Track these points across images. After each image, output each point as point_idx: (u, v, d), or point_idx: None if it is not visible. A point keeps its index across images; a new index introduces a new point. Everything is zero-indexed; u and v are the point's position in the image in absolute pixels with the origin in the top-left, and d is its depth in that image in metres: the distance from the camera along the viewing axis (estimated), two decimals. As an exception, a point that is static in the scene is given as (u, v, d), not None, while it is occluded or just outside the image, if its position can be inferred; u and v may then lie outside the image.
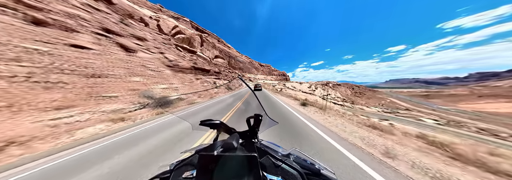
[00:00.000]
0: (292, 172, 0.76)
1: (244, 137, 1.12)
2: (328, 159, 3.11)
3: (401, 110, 65.96)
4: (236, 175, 0.67)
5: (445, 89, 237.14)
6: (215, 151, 0.75)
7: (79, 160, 3.58)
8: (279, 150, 1.04)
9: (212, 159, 0.72)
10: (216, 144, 0.94)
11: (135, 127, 6.32)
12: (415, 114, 57.12)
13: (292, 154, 0.99)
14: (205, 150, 0.90)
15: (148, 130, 5.78)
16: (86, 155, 3.83)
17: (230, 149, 0.78)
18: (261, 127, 1.11)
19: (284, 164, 0.81)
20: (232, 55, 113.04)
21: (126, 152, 3.88)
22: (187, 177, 0.80)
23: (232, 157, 0.72)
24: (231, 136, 0.94)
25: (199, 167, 0.73)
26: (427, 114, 59.96)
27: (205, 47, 65.37)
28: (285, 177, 0.75)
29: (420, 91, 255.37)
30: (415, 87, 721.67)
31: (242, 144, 0.96)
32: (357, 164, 2.88)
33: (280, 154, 0.93)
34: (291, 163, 0.83)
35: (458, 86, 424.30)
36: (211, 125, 1.11)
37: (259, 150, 0.90)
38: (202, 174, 0.71)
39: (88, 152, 4.04)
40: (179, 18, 70.05)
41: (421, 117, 46.85)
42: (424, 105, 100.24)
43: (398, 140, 4.25)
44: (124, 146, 4.28)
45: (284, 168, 0.79)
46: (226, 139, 0.87)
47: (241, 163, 0.70)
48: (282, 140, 4.18)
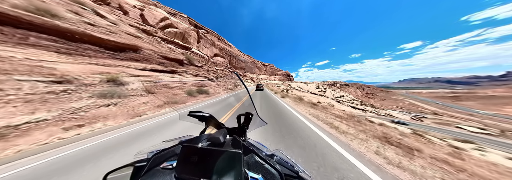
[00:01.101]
0: (273, 172, 0.77)
1: (232, 133, 1.11)
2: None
3: (427, 114, 57.57)
4: (219, 170, 0.66)
5: (477, 90, 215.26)
6: (200, 144, 0.76)
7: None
8: (264, 150, 1.08)
9: (195, 152, 0.71)
10: (202, 137, 0.92)
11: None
12: (447, 120, 49.13)
13: (275, 155, 0.99)
14: (189, 142, 0.86)
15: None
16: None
17: (216, 143, 0.79)
18: (250, 126, 1.14)
19: (267, 164, 0.81)
20: (233, 54, 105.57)
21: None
22: (165, 167, 0.78)
23: (216, 152, 0.71)
24: (219, 131, 0.94)
25: (181, 159, 0.72)
26: (463, 119, 51.06)
27: (202, 44, 58.50)
28: (266, 176, 0.75)
29: (443, 91, 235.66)
30: (436, 87, 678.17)
31: (229, 140, 0.93)
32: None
33: (264, 154, 0.95)
34: (273, 163, 0.83)
35: (495, 86, 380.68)
36: (200, 117, 1.13)
37: (245, 147, 0.87)
38: (183, 166, 0.69)
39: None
40: (175, 14, 64.28)
41: (458, 124, 38.96)
42: (455, 109, 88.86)
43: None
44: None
45: (266, 168, 0.79)
46: (213, 133, 0.88)
47: (225, 159, 0.69)
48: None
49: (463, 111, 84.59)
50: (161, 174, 0.75)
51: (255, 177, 0.74)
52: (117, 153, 3.39)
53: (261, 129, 4.72)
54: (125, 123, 5.96)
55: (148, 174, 0.75)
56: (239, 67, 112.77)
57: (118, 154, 3.34)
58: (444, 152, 4.65)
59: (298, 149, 3.44)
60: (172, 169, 0.76)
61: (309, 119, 6.64)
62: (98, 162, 3.02)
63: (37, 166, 2.92)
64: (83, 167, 2.83)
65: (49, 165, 2.93)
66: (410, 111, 60.23)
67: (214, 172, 0.65)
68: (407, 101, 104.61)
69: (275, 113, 7.76)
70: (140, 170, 0.78)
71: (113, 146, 3.80)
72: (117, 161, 3.07)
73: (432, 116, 57.02)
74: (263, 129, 4.76)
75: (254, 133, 4.36)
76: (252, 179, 0.73)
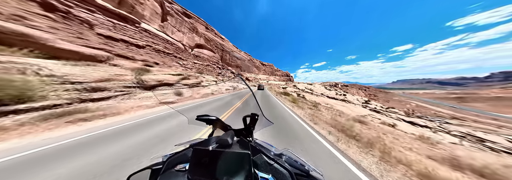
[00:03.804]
0: (283, 172, 0.77)
1: (239, 135, 1.13)
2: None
3: (448, 119, 50.97)
4: (229, 171, 0.68)
5: (478, 91, 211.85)
6: (210, 146, 0.77)
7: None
8: (272, 150, 1.06)
9: (206, 154, 0.73)
10: (211, 140, 0.93)
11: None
12: (477, 126, 42.38)
13: (284, 155, 0.99)
14: (200, 145, 0.86)
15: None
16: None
17: (225, 145, 0.79)
18: (256, 126, 1.13)
19: (276, 164, 0.81)
20: (226, 49, 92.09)
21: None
22: (179, 169, 0.81)
23: (226, 153, 0.73)
24: (227, 133, 0.95)
25: (193, 161, 0.74)
26: (495, 126, 44.79)
27: (173, 25, 40.73)
28: (276, 175, 0.76)
29: (445, 92, 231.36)
30: (429, 88, 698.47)
31: (236, 141, 0.94)
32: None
33: (273, 154, 0.94)
34: (282, 163, 0.83)
35: (481, 86, 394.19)
36: (207, 120, 1.16)
37: (253, 148, 0.88)
38: (195, 168, 0.72)
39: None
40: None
41: (499, 132, 31.99)
42: (470, 112, 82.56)
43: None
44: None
45: (276, 167, 0.80)
46: (221, 136, 0.88)
47: (234, 160, 0.70)
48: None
49: (481, 115, 78.57)
50: (175, 176, 0.78)
51: (265, 177, 0.74)
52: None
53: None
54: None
55: (164, 176, 0.79)
56: (233, 64, 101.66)
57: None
58: None
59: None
60: (185, 171, 0.79)
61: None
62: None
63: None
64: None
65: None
66: (424, 115, 52.32)
67: (225, 173, 0.67)
68: (413, 102, 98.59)
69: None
70: (156, 172, 0.82)
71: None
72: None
73: (454, 121, 49.80)
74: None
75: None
76: (262, 179, 0.73)
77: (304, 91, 43.28)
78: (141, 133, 4.43)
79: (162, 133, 4.48)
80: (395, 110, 41.13)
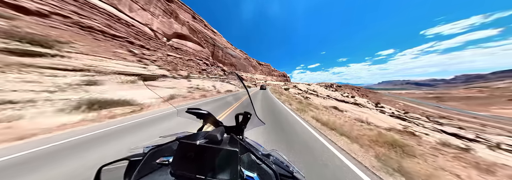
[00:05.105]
0: (269, 171, 0.77)
1: (230, 132, 1.11)
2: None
3: (439, 119, 52.19)
4: (215, 167, 0.67)
5: (450, 91, 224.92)
6: (198, 141, 0.75)
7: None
8: (260, 150, 1.08)
9: (192, 148, 0.72)
10: (199, 134, 0.91)
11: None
12: (468, 126, 43.09)
13: (271, 155, 0.99)
14: (187, 138, 0.84)
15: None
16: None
17: (213, 141, 0.79)
18: (248, 125, 1.12)
19: (263, 164, 0.81)
20: (219, 44, 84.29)
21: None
22: (161, 162, 0.79)
23: (213, 149, 0.72)
24: (217, 129, 0.94)
25: (178, 155, 0.73)
26: (478, 124, 46.29)
27: (142, 4, 32.44)
28: (262, 175, 0.76)
29: (423, 92, 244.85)
30: (408, 88, 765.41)
31: (226, 138, 0.94)
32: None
33: (261, 153, 0.94)
34: (269, 163, 0.83)
35: (449, 87, 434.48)
36: (198, 114, 1.11)
37: (242, 146, 0.87)
38: (180, 162, 0.70)
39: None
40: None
41: (484, 131, 32.26)
42: (450, 110, 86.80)
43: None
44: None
45: (262, 167, 0.79)
46: (211, 131, 0.87)
47: (221, 156, 0.70)
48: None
49: (461, 113, 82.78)
50: (157, 169, 0.76)
51: (250, 176, 0.74)
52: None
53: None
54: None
55: (143, 169, 0.74)
56: (227, 62, 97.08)
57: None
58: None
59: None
60: (168, 165, 0.76)
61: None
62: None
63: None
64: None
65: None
66: (451, 123, 53.32)
67: (210, 169, 0.67)
68: (401, 102, 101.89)
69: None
70: (135, 164, 0.76)
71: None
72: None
73: (444, 121, 50.82)
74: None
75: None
76: (247, 177, 0.73)
77: (307, 92, 41.02)
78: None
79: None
80: (417, 115, 40.06)
